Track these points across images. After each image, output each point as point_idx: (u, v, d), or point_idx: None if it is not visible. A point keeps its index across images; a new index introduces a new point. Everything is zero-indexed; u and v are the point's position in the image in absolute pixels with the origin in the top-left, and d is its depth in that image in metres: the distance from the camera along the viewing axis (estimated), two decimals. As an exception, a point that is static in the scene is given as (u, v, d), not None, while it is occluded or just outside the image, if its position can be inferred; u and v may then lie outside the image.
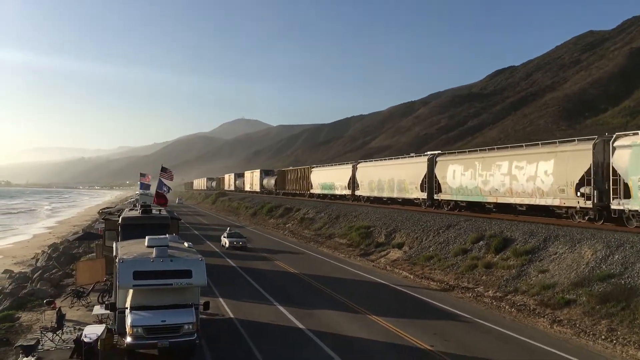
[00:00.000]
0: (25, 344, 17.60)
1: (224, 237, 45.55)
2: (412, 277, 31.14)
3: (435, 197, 43.32)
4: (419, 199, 45.91)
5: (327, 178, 70.33)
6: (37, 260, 46.22)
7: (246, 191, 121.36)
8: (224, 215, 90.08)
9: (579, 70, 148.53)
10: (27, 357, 17.05)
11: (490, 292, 25.61)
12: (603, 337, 18.69)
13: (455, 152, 43.27)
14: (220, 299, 25.52)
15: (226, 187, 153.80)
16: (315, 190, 73.66)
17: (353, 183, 60.39)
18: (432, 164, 43.85)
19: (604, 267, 22.53)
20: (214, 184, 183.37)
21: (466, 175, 38.69)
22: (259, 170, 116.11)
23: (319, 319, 22.26)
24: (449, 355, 17.53)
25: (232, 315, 22.87)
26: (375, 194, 54.68)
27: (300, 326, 21.08)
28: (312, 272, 33.04)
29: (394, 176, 50.29)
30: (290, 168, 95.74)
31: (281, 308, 24.02)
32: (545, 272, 24.68)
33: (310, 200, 73.02)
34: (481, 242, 31.02)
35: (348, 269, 34.66)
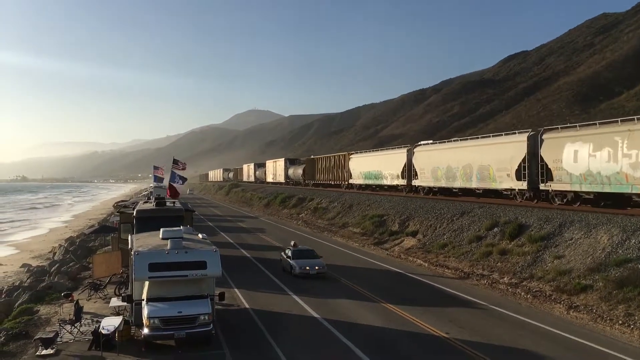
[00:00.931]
0: (44, 336, 17.82)
1: (288, 257, 30.39)
2: (426, 265, 31.09)
3: (542, 186, 33.05)
4: (514, 189, 35.99)
5: (372, 166, 59.78)
6: (55, 254, 46.75)
7: (268, 182, 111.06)
8: (237, 207, 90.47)
9: (592, 53, 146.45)
10: (46, 349, 17.27)
11: (505, 278, 25.50)
12: (620, 322, 18.55)
13: (575, 127, 32.17)
14: (236, 290, 25.67)
15: (245, 179, 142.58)
16: (356, 180, 64.46)
17: (409, 171, 50.03)
18: (535, 143, 33.77)
19: (620, 251, 22.33)
20: (230, 175, 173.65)
21: (598, 157, 28.47)
22: (283, 159, 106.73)
23: (334, 308, 22.31)
24: (465, 342, 17.51)
25: (247, 306, 22.98)
26: (443, 183, 44.55)
27: (316, 315, 21.15)
28: (326, 262, 33.04)
29: (472, 161, 40.19)
30: (322, 155, 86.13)
31: (296, 297, 24.09)
32: (561, 258, 24.52)
33: (325, 190, 72.77)
34: (495, 228, 30.86)
35: (362, 257, 34.68)
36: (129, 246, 20.39)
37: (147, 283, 17.56)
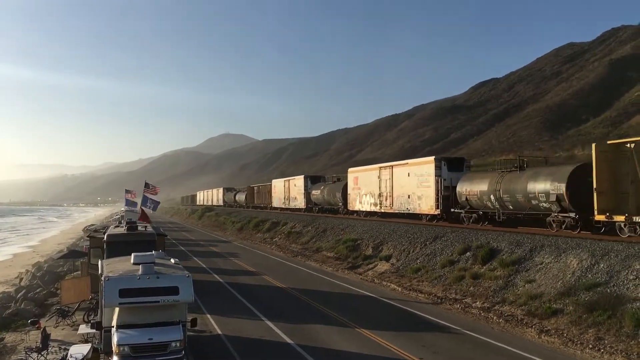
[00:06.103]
0: (9, 365, 17.33)
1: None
2: (400, 289, 31.12)
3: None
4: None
5: None
6: (21, 279, 45.56)
7: (359, 212, 54.69)
8: (210, 231, 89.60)
9: (560, 81, 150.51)
10: (11, 378, 16.77)
11: (478, 303, 25.66)
12: (590, 346, 18.78)
13: None
14: (208, 315, 25.34)
15: (277, 204, 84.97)
16: None
17: None
18: None
19: (589, 276, 22.69)
20: (241, 197, 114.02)
21: None
22: (432, 158, 42.21)
23: (307, 333, 22.15)
24: (439, 367, 17.52)
25: (219, 332, 22.68)
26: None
27: (289, 341, 20.96)
28: (300, 287, 32.90)
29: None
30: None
31: (269, 323, 23.87)
32: (531, 282, 24.81)
33: (296, 214, 72.46)
34: (468, 253, 31.11)
35: (336, 282, 34.57)
36: (99, 271, 20.01)
37: (117, 309, 17.21)
